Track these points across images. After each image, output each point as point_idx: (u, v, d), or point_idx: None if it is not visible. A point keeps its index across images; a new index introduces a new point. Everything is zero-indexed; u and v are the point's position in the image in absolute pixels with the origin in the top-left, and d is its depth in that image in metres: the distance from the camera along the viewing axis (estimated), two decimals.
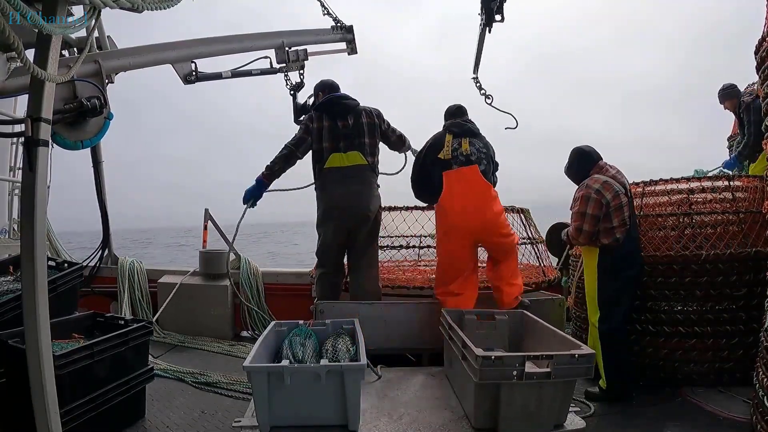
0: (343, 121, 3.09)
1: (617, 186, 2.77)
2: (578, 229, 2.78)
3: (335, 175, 3.05)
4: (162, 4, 1.62)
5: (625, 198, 2.76)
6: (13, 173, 5.07)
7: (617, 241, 2.72)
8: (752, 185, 3.15)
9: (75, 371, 2.14)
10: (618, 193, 2.74)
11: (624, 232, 2.73)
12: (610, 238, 2.73)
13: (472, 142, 2.97)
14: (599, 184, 2.76)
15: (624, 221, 2.73)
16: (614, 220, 2.72)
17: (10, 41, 1.26)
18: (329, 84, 3.28)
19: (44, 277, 1.60)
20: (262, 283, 4.57)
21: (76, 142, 2.26)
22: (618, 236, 2.72)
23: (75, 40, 2.74)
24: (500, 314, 2.64)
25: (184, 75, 3.23)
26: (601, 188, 2.74)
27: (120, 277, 4.65)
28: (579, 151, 2.95)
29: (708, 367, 2.86)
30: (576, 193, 2.86)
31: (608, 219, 2.73)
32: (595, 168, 2.89)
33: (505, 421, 1.88)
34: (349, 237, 3.11)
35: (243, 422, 1.91)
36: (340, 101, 3.13)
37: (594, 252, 2.81)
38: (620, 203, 2.73)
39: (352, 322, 2.36)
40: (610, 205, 2.72)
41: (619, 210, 2.73)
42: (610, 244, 2.74)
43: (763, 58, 2.35)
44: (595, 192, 2.73)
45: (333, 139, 3.06)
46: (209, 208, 4.81)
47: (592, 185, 2.77)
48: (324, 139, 3.06)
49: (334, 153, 3.05)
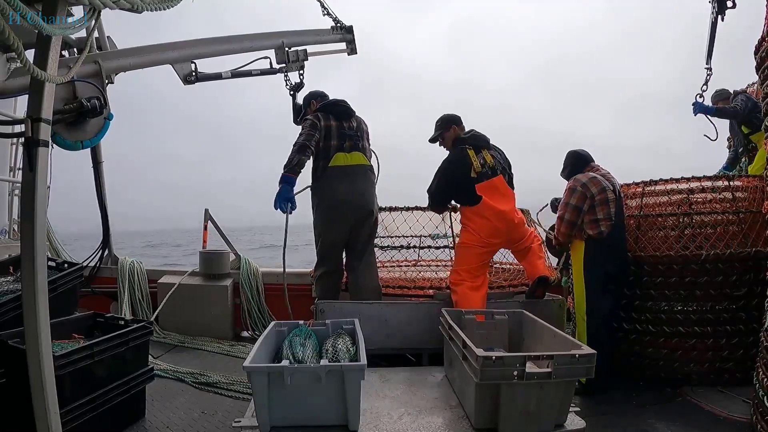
0: (348, 122, 3.19)
1: (606, 183, 2.91)
2: (560, 218, 2.96)
3: (339, 173, 3.10)
4: (162, 5, 1.62)
5: (612, 195, 2.89)
6: (13, 173, 5.07)
7: (601, 234, 2.85)
8: (752, 185, 3.14)
9: (75, 371, 2.13)
10: (605, 189, 2.88)
11: (609, 227, 2.85)
12: (595, 229, 2.86)
13: (492, 154, 3.13)
14: (587, 178, 2.93)
15: (609, 216, 2.85)
16: (599, 213, 2.86)
17: (10, 42, 1.26)
18: (321, 93, 3.43)
19: (44, 277, 1.60)
20: (262, 283, 4.57)
21: (76, 142, 2.26)
22: (602, 229, 2.85)
23: (75, 40, 2.74)
24: (500, 314, 2.64)
25: (184, 75, 3.23)
26: (588, 182, 2.91)
27: (120, 278, 4.64)
28: (573, 153, 3.14)
29: (708, 367, 2.86)
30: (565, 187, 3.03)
31: (593, 211, 2.87)
32: (587, 168, 3.05)
33: (506, 421, 1.88)
34: (351, 235, 3.13)
35: (243, 422, 1.91)
36: (344, 103, 3.24)
37: (579, 246, 2.94)
38: (606, 198, 2.87)
39: (352, 322, 2.36)
40: (595, 198, 2.87)
41: (605, 204, 2.86)
42: (594, 236, 2.86)
43: (763, 58, 2.35)
44: (581, 185, 2.91)
45: (339, 138, 3.13)
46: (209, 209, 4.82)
47: (580, 179, 2.96)
48: (331, 137, 3.12)
49: (338, 152, 3.11)
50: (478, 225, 3.05)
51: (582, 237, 2.92)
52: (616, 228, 2.89)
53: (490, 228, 3.03)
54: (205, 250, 4.70)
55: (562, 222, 2.97)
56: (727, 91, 4.68)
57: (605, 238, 2.85)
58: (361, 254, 3.18)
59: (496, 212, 3.01)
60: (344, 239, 3.16)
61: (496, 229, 3.04)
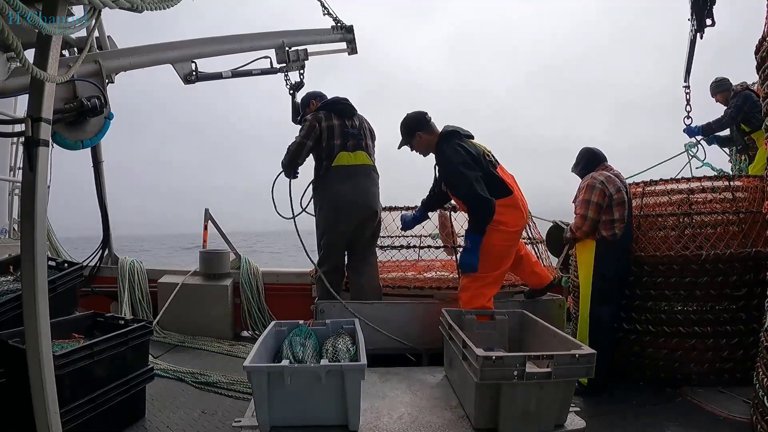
0: (350, 121, 3.14)
1: (619, 183, 2.90)
2: (583, 216, 2.87)
3: (343, 173, 3.06)
4: (162, 4, 1.62)
5: (625, 195, 2.88)
6: (13, 173, 5.07)
7: (615, 236, 2.83)
8: (752, 185, 3.14)
9: (75, 371, 2.13)
10: (620, 189, 2.87)
11: (622, 228, 2.84)
12: (609, 231, 2.84)
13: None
14: (604, 177, 2.90)
15: (623, 217, 2.84)
16: (615, 213, 2.84)
17: (10, 41, 1.26)
18: (320, 93, 3.37)
19: (44, 277, 1.60)
20: (262, 283, 4.57)
21: (76, 142, 2.26)
22: (617, 231, 2.83)
23: (75, 40, 2.74)
24: (500, 314, 2.64)
25: (184, 75, 3.23)
26: (605, 181, 2.87)
27: (120, 277, 4.65)
28: (588, 150, 3.10)
29: (708, 367, 2.86)
30: (581, 184, 2.99)
31: (609, 211, 2.85)
32: (600, 167, 3.02)
33: (506, 421, 1.88)
34: (354, 235, 3.12)
35: (243, 422, 1.91)
36: (346, 101, 3.18)
37: (590, 245, 2.91)
38: (622, 198, 2.85)
39: (353, 322, 2.36)
40: (612, 197, 2.84)
41: (621, 205, 2.84)
42: (607, 237, 2.84)
43: (764, 58, 2.35)
44: (599, 183, 2.86)
45: (342, 137, 3.08)
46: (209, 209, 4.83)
47: (597, 177, 2.91)
48: (335, 136, 3.07)
49: (342, 151, 3.07)
50: (513, 218, 2.69)
51: (594, 237, 2.87)
52: (627, 229, 2.88)
53: (521, 220, 2.75)
54: (205, 249, 4.70)
55: (584, 220, 2.84)
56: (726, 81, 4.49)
57: (618, 240, 2.83)
58: (363, 254, 3.18)
59: (524, 203, 2.77)
60: (347, 240, 3.14)
61: (524, 222, 2.78)
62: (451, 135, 2.79)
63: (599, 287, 2.86)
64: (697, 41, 3.89)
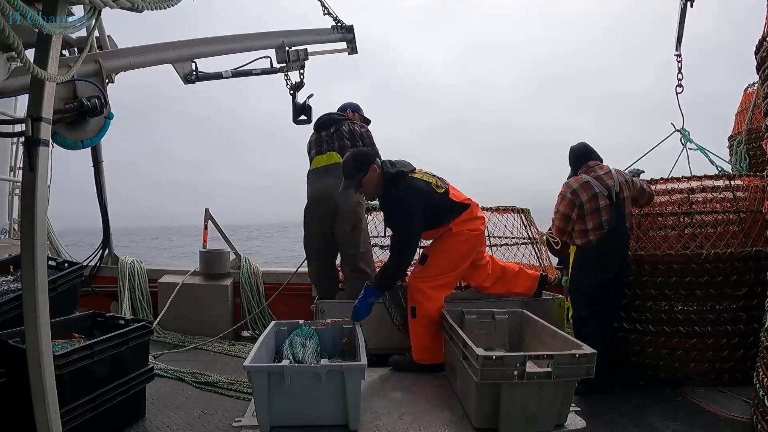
0: (326, 131, 3.35)
1: (598, 188, 2.83)
2: (552, 222, 3.00)
3: (311, 176, 3.31)
4: (162, 4, 1.62)
5: (605, 201, 2.81)
6: (13, 173, 5.07)
7: (590, 243, 2.84)
8: (753, 185, 3.15)
9: (75, 371, 2.13)
10: (596, 195, 2.81)
11: (598, 235, 2.82)
12: (583, 239, 2.86)
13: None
14: (578, 184, 2.88)
15: (600, 225, 2.81)
16: (588, 223, 2.83)
17: (10, 41, 1.26)
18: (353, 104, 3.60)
19: (44, 277, 1.60)
20: (262, 283, 4.57)
21: (76, 141, 2.26)
22: (591, 238, 2.83)
23: (75, 39, 2.74)
24: (500, 314, 2.64)
25: (184, 75, 3.23)
26: (579, 188, 2.86)
27: (120, 277, 4.64)
28: (571, 150, 3.10)
29: (708, 367, 2.86)
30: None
31: (582, 221, 2.85)
32: (584, 167, 2.98)
33: (506, 420, 1.88)
34: (332, 233, 3.20)
35: (243, 422, 1.91)
36: (326, 116, 3.41)
37: (572, 251, 2.98)
38: (597, 206, 2.81)
39: (352, 322, 2.36)
40: (584, 206, 2.83)
41: (596, 213, 2.81)
42: (582, 245, 2.87)
43: (764, 58, 2.34)
44: (571, 192, 2.87)
45: (317, 146, 3.34)
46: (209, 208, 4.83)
47: (571, 184, 2.91)
48: (312, 148, 3.38)
49: (316, 156, 3.31)
50: (473, 226, 2.78)
51: (574, 243, 2.96)
52: (609, 235, 2.81)
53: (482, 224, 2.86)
54: (205, 249, 4.70)
55: (553, 226, 3.03)
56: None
57: (593, 247, 2.83)
58: (348, 248, 3.20)
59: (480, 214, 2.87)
60: (322, 239, 3.24)
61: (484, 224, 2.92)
62: (401, 176, 2.63)
63: (573, 296, 2.96)
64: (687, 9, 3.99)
